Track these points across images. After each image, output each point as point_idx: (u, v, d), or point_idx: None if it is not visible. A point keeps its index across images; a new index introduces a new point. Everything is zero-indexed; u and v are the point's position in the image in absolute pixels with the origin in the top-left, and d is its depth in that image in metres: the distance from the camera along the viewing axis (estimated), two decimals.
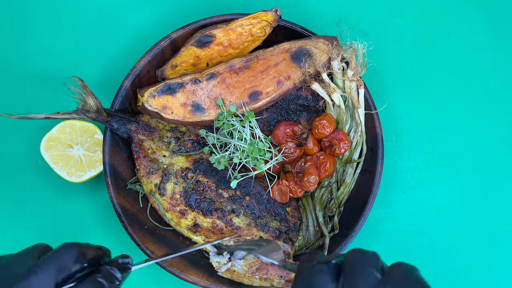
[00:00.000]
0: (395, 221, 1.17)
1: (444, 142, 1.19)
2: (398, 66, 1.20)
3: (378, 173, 1.05)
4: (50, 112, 1.04)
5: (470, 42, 1.21)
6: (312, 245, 1.08)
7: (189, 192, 1.06)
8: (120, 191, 1.05)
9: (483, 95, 1.20)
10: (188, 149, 1.08)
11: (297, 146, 1.07)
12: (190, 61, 1.07)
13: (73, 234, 1.15)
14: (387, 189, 1.18)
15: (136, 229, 1.04)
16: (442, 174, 1.18)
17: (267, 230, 1.06)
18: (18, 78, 1.17)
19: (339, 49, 1.04)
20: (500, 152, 1.19)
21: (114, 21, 1.20)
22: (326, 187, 1.09)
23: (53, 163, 1.09)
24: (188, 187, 1.06)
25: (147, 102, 1.02)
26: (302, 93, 1.09)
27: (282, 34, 1.09)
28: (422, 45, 1.21)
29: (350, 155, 1.08)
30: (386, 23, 1.21)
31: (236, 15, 1.06)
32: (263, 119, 1.09)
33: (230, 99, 1.05)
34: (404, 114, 1.20)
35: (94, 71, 1.18)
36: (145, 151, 1.07)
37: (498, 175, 1.18)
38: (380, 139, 1.06)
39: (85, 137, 1.11)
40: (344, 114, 1.07)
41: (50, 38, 1.19)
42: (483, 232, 1.17)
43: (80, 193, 1.16)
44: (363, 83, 1.06)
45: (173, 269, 1.02)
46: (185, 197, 1.06)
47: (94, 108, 1.01)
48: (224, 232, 1.06)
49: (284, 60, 1.06)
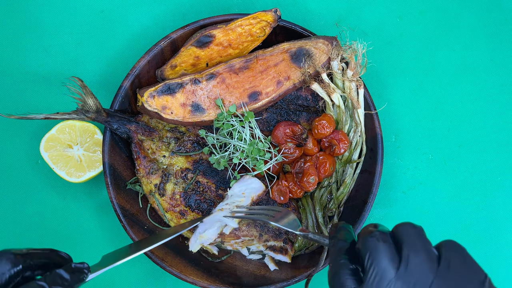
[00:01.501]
0: (395, 221, 1.17)
1: (444, 142, 1.19)
2: (397, 66, 1.20)
3: (378, 173, 1.05)
4: (50, 112, 1.04)
5: (469, 42, 1.21)
6: (311, 246, 1.08)
7: (189, 192, 1.06)
8: (120, 191, 1.05)
9: (483, 95, 1.20)
10: (188, 149, 1.08)
11: (296, 147, 1.07)
12: (190, 61, 1.07)
13: (73, 234, 1.15)
14: (387, 189, 1.18)
15: (136, 229, 1.04)
16: (442, 174, 1.18)
17: (266, 231, 1.06)
18: (18, 78, 1.17)
19: (338, 49, 1.04)
20: (500, 152, 1.19)
21: (114, 21, 1.20)
22: (325, 187, 1.09)
23: (52, 163, 1.09)
24: (188, 187, 1.06)
25: (147, 102, 1.02)
26: (302, 93, 1.09)
27: (281, 34, 1.09)
28: (421, 45, 1.21)
29: (349, 155, 1.08)
30: (386, 23, 1.21)
31: (235, 15, 1.06)
32: (262, 120, 1.09)
33: (230, 99, 1.05)
34: (404, 114, 1.20)
35: (94, 71, 1.18)
36: (145, 151, 1.07)
37: (498, 175, 1.18)
38: (380, 139, 1.06)
39: (84, 137, 1.11)
40: (344, 114, 1.07)
41: (50, 38, 1.19)
42: (483, 232, 1.17)
43: (80, 193, 1.16)
44: (362, 83, 1.06)
45: (172, 269, 1.02)
46: (185, 198, 1.06)
47: (94, 108, 1.01)
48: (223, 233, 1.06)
49: (283, 60, 1.06)
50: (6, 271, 0.64)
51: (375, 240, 0.60)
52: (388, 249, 0.59)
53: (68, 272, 0.68)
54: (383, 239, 0.60)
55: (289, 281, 1.03)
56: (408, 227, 0.61)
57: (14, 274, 0.65)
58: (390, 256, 0.59)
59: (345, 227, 0.68)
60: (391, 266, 0.58)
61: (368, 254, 0.59)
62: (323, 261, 1.02)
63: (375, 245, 0.60)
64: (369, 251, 0.60)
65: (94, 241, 1.15)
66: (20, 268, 0.66)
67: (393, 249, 0.60)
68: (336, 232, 0.67)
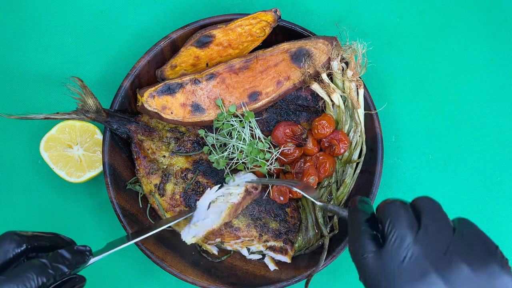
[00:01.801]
0: None
1: (444, 142, 1.19)
2: (397, 66, 1.20)
3: (378, 173, 1.05)
4: (50, 112, 1.04)
5: (469, 42, 1.21)
6: (311, 246, 1.08)
7: (189, 192, 1.06)
8: (120, 192, 1.05)
9: (482, 95, 1.20)
10: (188, 149, 1.08)
11: (296, 147, 1.07)
12: (190, 61, 1.07)
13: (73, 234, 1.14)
14: (387, 189, 1.18)
15: (136, 229, 1.04)
16: (442, 174, 1.18)
17: (266, 231, 1.06)
18: (18, 78, 1.17)
19: (338, 49, 1.04)
20: (500, 152, 1.19)
21: (114, 21, 1.20)
22: (325, 187, 1.09)
23: (52, 163, 1.09)
24: (188, 187, 1.06)
25: (147, 102, 1.02)
26: (302, 93, 1.09)
27: (281, 34, 1.09)
28: (421, 45, 1.21)
29: (349, 155, 1.08)
30: (386, 23, 1.21)
31: (235, 15, 1.06)
32: (262, 120, 1.09)
33: (230, 99, 1.05)
34: (404, 114, 1.20)
35: (94, 71, 1.18)
36: (145, 152, 1.07)
37: (498, 175, 1.18)
38: (380, 139, 1.06)
39: (84, 137, 1.11)
40: (344, 115, 1.07)
41: (50, 38, 1.19)
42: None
43: (80, 193, 1.16)
44: (362, 83, 1.06)
45: (172, 269, 1.02)
46: (185, 198, 1.06)
47: (94, 108, 1.01)
48: (223, 234, 1.06)
49: (283, 61, 1.06)
50: (10, 250, 0.67)
51: (396, 207, 0.64)
52: (408, 216, 0.63)
53: (70, 253, 0.71)
54: (404, 207, 0.64)
55: (289, 281, 1.03)
56: (427, 200, 0.65)
57: (18, 253, 0.68)
58: (410, 222, 0.63)
59: (364, 199, 0.72)
60: (410, 231, 0.62)
61: (389, 220, 0.63)
62: (323, 261, 1.02)
63: (396, 211, 0.64)
64: (390, 217, 0.63)
65: (94, 241, 1.14)
66: (24, 249, 0.68)
67: (412, 216, 0.64)
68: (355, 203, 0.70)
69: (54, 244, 0.73)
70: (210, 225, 1.00)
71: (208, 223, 1.00)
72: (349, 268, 1.15)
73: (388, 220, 0.63)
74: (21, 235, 0.69)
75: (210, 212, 1.01)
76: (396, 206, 0.64)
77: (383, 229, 0.64)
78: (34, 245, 0.70)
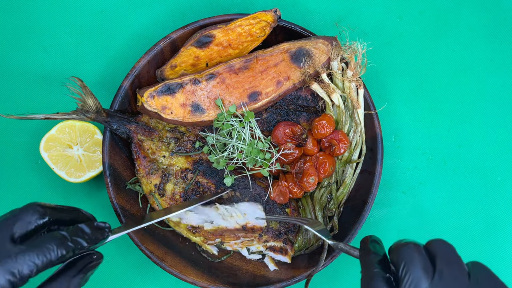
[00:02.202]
0: (395, 221, 1.17)
1: (444, 143, 1.19)
2: (397, 66, 1.20)
3: (378, 173, 1.05)
4: (50, 112, 1.04)
5: (469, 43, 1.21)
6: (311, 246, 1.08)
7: (189, 192, 1.06)
8: (120, 192, 1.05)
9: (482, 95, 1.20)
10: (188, 149, 1.08)
11: (296, 147, 1.07)
12: (190, 61, 1.07)
13: None
14: (387, 189, 1.18)
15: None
16: (441, 174, 1.18)
17: (266, 231, 1.06)
18: (18, 78, 1.17)
19: (338, 49, 1.04)
20: (500, 152, 1.19)
21: (114, 21, 1.20)
22: (325, 187, 1.09)
23: (52, 163, 1.09)
24: (188, 187, 1.06)
25: (147, 103, 1.02)
26: (302, 93, 1.09)
27: (281, 34, 1.09)
28: (421, 46, 1.21)
29: (349, 155, 1.08)
30: (386, 23, 1.21)
31: (235, 15, 1.06)
32: (262, 120, 1.09)
33: (230, 99, 1.05)
34: (404, 114, 1.20)
35: (94, 71, 1.18)
36: (145, 152, 1.07)
37: (498, 175, 1.18)
38: (380, 140, 1.06)
39: (84, 137, 1.11)
40: (344, 115, 1.07)
41: (50, 38, 1.19)
42: (483, 232, 1.17)
43: (80, 194, 1.16)
44: (362, 84, 1.06)
45: (172, 269, 1.02)
46: (185, 198, 1.06)
47: (94, 108, 1.01)
48: (223, 234, 1.06)
49: (283, 61, 1.06)
50: (33, 221, 0.68)
51: (411, 250, 0.63)
52: (423, 259, 0.63)
53: (90, 228, 0.72)
54: (418, 250, 0.64)
55: (289, 281, 1.03)
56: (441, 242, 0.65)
57: (40, 225, 0.69)
58: (425, 267, 0.62)
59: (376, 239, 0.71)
60: (425, 276, 0.61)
61: (403, 263, 0.63)
62: (323, 261, 1.02)
63: (410, 255, 0.63)
64: (404, 260, 0.63)
65: None
66: (46, 220, 0.69)
67: (427, 259, 0.63)
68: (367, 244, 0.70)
69: (74, 218, 0.74)
70: (192, 220, 1.02)
71: (192, 218, 1.03)
72: (349, 268, 1.15)
73: (403, 263, 0.63)
74: (44, 206, 0.70)
75: (204, 211, 1.02)
76: (410, 249, 0.63)
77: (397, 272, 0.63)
78: (56, 218, 0.71)
